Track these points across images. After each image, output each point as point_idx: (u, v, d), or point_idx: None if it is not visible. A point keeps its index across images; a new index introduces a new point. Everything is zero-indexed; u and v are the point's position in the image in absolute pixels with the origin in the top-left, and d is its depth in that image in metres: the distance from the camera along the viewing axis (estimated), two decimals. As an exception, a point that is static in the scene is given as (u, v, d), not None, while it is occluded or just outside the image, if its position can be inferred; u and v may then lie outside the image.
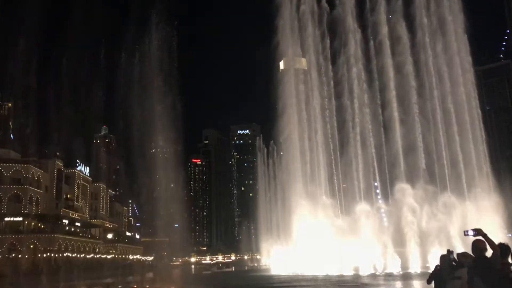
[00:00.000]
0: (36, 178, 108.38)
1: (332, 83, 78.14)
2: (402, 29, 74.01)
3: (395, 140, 70.85)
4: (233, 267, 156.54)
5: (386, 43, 73.97)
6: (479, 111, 74.29)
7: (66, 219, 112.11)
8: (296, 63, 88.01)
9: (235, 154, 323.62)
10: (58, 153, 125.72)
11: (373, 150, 72.28)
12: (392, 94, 72.42)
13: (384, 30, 74.65)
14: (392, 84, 72.67)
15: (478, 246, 8.61)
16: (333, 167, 76.19)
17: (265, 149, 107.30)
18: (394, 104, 72.09)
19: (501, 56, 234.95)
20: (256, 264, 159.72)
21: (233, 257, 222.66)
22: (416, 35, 74.06)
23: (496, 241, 8.70)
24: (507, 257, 9.02)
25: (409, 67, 72.80)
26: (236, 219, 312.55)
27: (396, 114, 71.52)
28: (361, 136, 73.58)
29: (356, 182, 71.03)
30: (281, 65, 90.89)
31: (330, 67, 78.69)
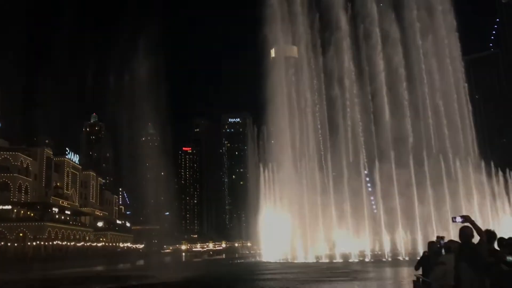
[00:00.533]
0: (25, 166, 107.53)
1: (322, 67, 78.05)
2: (391, 17, 74.03)
3: (384, 127, 71.19)
4: (224, 255, 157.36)
5: (376, 31, 73.98)
6: (468, 99, 74.84)
7: (55, 207, 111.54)
8: (287, 51, 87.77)
9: (226, 142, 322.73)
10: (47, 141, 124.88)
11: (362, 138, 72.58)
12: (382, 82, 72.58)
13: (374, 14, 74.59)
14: (381, 72, 72.83)
15: (465, 233, 8.68)
16: (322, 154, 76.50)
17: (256, 137, 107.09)
18: (383, 92, 72.26)
19: (491, 45, 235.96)
20: (247, 251, 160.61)
21: (224, 245, 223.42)
22: (405, 24, 74.06)
23: (483, 228, 8.79)
24: (493, 244, 9.12)
25: (399, 56, 72.93)
26: (227, 207, 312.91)
27: (385, 102, 71.78)
28: (352, 123, 73.83)
29: (345, 169, 71.27)
30: (272, 53, 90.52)
31: (321, 50, 78.54)
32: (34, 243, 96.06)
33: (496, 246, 9.21)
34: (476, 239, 8.60)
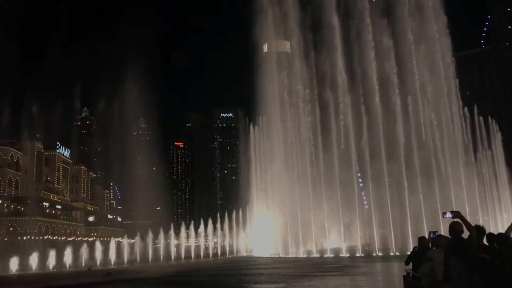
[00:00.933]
0: (15, 160, 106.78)
1: (314, 62, 78.04)
2: (382, 14, 74.20)
3: (375, 124, 71.36)
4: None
5: (368, 27, 74.08)
6: (459, 96, 75.26)
7: (46, 201, 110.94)
8: (280, 46, 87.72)
9: (218, 137, 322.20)
10: (38, 135, 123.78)
11: (352, 136, 72.77)
12: (373, 79, 72.73)
13: (365, 10, 74.69)
14: (373, 69, 72.98)
15: (455, 228, 8.75)
16: (313, 149, 76.66)
17: (248, 132, 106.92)
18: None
19: (482, 41, 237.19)
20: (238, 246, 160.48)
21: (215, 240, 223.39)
22: (396, 20, 74.13)
23: (473, 223, 8.87)
24: (482, 239, 9.23)
25: (390, 52, 73.07)
26: (219, 202, 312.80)
27: (377, 98, 71.93)
28: (343, 119, 73.95)
29: (337, 164, 71.43)
30: (265, 48, 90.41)
31: (313, 45, 78.52)
32: (25, 238, 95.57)
33: (485, 241, 9.33)
34: (465, 234, 8.69)
